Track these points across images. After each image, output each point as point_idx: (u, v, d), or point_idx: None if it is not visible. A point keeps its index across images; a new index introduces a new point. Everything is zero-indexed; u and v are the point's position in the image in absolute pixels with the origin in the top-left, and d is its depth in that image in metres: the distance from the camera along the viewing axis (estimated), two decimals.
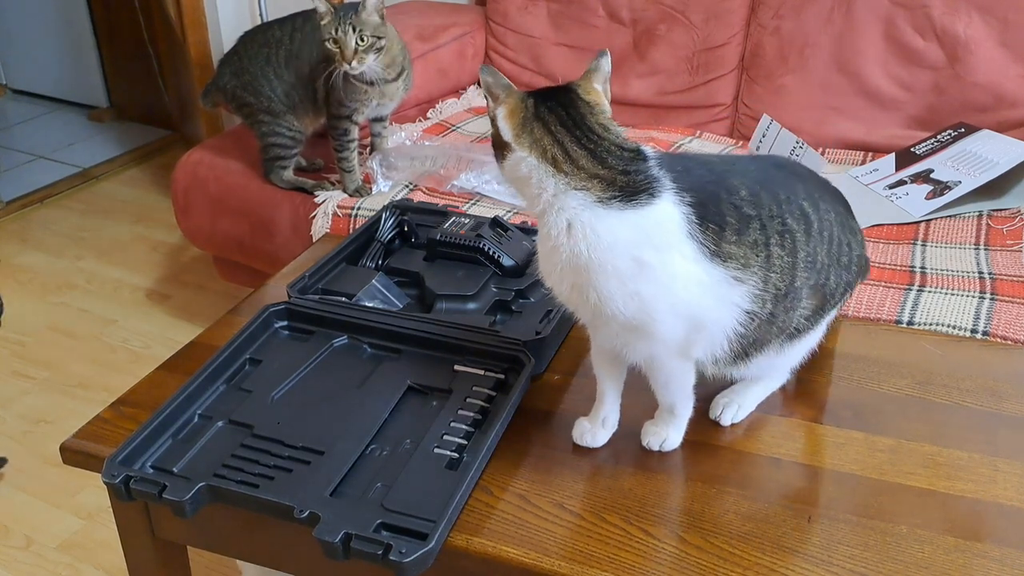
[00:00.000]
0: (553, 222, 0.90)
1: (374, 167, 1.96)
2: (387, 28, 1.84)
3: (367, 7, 1.79)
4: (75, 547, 1.74)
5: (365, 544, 0.88)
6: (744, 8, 2.28)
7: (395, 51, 1.89)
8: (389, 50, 1.86)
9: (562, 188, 0.89)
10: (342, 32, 1.77)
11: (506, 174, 0.95)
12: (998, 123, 1.98)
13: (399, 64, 1.91)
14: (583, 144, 0.90)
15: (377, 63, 1.83)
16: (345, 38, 1.77)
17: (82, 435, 1.09)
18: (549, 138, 0.90)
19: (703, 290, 0.92)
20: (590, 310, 0.93)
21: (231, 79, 2.03)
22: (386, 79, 1.89)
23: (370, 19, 1.79)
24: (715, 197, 0.93)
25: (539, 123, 0.91)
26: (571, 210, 0.89)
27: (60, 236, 2.95)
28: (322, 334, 1.24)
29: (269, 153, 2.02)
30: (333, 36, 1.78)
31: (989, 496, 0.99)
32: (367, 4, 1.79)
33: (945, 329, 1.36)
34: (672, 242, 0.90)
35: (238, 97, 2.02)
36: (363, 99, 1.91)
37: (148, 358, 2.29)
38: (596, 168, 0.89)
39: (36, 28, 3.83)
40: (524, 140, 0.91)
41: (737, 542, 0.93)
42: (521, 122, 0.91)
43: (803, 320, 1.03)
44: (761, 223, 0.94)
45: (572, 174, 0.89)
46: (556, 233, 0.90)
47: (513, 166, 0.92)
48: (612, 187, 0.89)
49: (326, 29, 1.79)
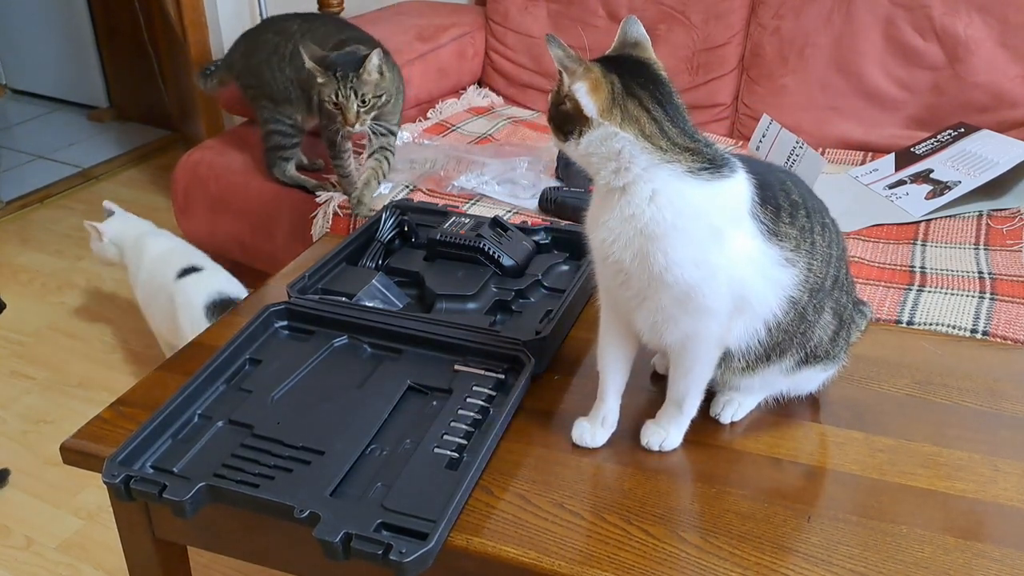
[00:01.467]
0: (637, 192, 0.91)
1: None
2: (385, 77, 1.76)
3: (368, 69, 1.71)
4: (75, 547, 1.74)
5: (365, 544, 0.88)
6: (744, 8, 2.28)
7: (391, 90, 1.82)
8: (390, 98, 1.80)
9: (655, 162, 0.91)
10: (343, 97, 1.71)
11: (580, 150, 0.92)
12: (998, 123, 1.98)
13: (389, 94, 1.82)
14: (674, 120, 0.92)
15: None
16: (347, 103, 1.71)
17: (82, 435, 1.09)
18: (646, 115, 0.91)
19: (756, 269, 0.96)
20: (648, 278, 0.93)
21: (240, 59, 2.03)
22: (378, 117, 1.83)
23: (371, 79, 1.72)
24: (769, 182, 0.98)
25: (633, 100, 0.91)
26: (660, 181, 0.91)
27: (60, 236, 2.95)
28: (322, 334, 1.24)
29: (269, 142, 2.02)
30: (334, 100, 1.72)
31: (989, 496, 0.99)
32: (368, 66, 1.70)
33: (945, 329, 1.36)
34: (740, 217, 0.94)
35: (242, 78, 2.03)
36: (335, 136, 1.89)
37: (148, 358, 2.29)
38: (687, 142, 0.92)
39: (36, 28, 3.83)
40: (616, 116, 0.90)
41: (737, 542, 0.93)
42: (610, 98, 0.90)
43: (820, 341, 1.05)
44: (807, 212, 1.00)
45: (667, 149, 0.91)
46: (638, 202, 0.91)
47: (597, 142, 0.91)
48: (701, 159, 0.92)
49: (325, 91, 1.72)
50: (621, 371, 1.06)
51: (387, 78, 1.76)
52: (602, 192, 0.94)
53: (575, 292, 1.28)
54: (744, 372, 1.04)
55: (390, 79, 1.79)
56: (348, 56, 1.73)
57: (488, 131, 2.21)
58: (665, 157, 0.91)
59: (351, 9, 2.67)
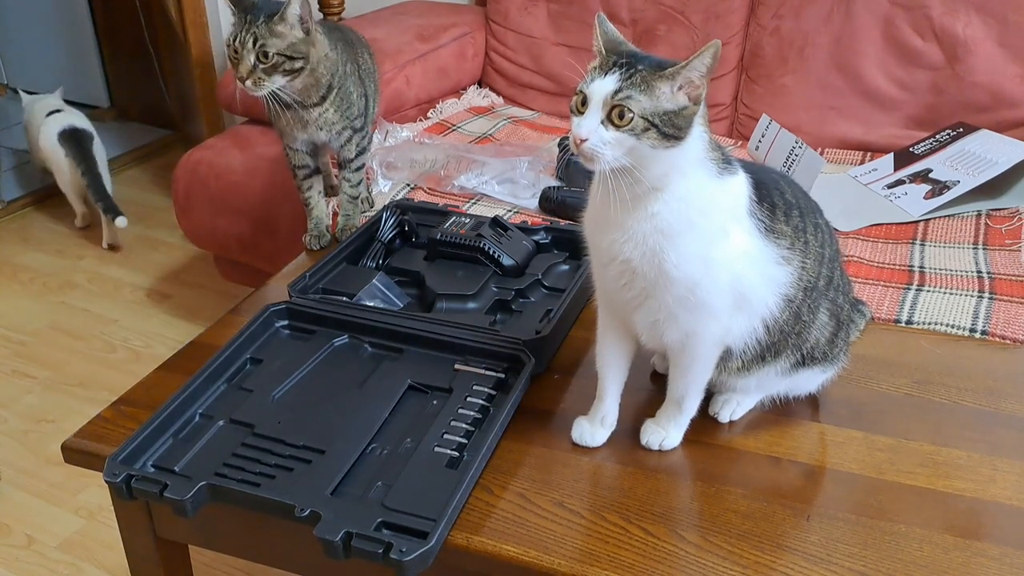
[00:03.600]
0: (674, 190, 0.91)
1: (374, 167, 1.96)
2: (314, 46, 1.40)
3: (286, 17, 1.34)
4: (76, 546, 1.74)
5: (366, 543, 0.88)
6: (744, 8, 2.28)
7: (320, 71, 1.44)
8: (313, 71, 1.42)
9: (702, 159, 0.92)
10: (239, 43, 1.33)
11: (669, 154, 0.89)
12: (997, 123, 1.98)
13: (324, 84, 1.46)
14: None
15: (290, 87, 1.41)
16: (243, 50, 1.33)
17: (83, 434, 1.09)
18: (707, 115, 0.92)
19: (754, 266, 0.97)
20: (656, 275, 0.93)
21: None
22: (303, 103, 1.46)
23: (285, 32, 1.35)
24: (764, 181, 0.99)
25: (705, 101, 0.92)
26: (697, 178, 0.92)
27: (61, 236, 2.95)
28: (323, 333, 1.24)
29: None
30: (232, 43, 1.35)
31: (988, 495, 0.99)
32: (287, 13, 1.34)
33: (944, 328, 1.36)
34: (740, 215, 0.95)
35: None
36: (280, 124, 1.51)
37: (149, 357, 2.29)
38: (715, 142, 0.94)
39: (37, 28, 3.83)
40: (704, 115, 0.91)
41: (736, 540, 0.93)
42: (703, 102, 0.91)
43: (817, 342, 1.06)
44: (800, 212, 1.01)
45: (713, 148, 0.93)
46: (668, 199, 0.91)
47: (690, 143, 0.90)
48: (721, 157, 0.94)
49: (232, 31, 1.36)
50: (620, 371, 1.07)
51: (316, 46, 1.41)
52: (624, 192, 0.90)
53: (575, 292, 1.28)
54: (740, 373, 1.05)
55: (324, 53, 1.44)
56: (273, 3, 1.37)
57: (488, 131, 2.21)
58: (710, 155, 0.92)
59: (351, 9, 2.68)
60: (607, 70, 0.88)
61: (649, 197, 0.91)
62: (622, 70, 0.88)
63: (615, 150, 0.87)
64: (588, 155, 0.88)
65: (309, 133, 1.51)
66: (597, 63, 0.91)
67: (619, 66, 0.88)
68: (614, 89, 0.87)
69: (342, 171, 1.62)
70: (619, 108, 0.86)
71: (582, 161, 0.90)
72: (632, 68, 0.88)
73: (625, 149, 0.87)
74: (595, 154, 0.87)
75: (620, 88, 0.87)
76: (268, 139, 2.10)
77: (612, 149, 0.87)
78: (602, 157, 0.87)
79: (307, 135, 1.52)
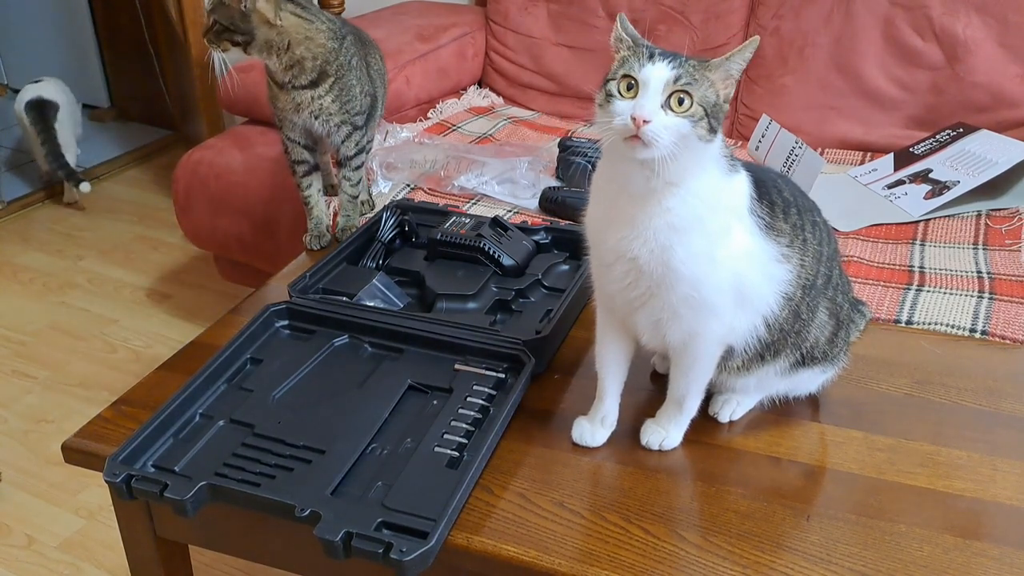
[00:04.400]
0: (689, 186, 0.91)
1: (374, 168, 1.96)
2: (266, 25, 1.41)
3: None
4: (76, 546, 1.74)
5: (366, 543, 0.88)
6: (744, 8, 2.28)
7: (301, 54, 1.45)
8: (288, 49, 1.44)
9: (717, 155, 0.93)
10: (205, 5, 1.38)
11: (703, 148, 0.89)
12: (997, 123, 1.98)
13: (311, 69, 1.47)
14: None
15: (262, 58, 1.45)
16: (206, 6, 1.39)
17: (83, 434, 1.09)
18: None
19: (754, 264, 0.97)
20: (663, 273, 0.93)
21: None
22: (293, 84, 1.48)
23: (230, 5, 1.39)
24: (763, 179, 1.00)
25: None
26: (710, 174, 0.93)
27: (61, 236, 2.95)
28: (323, 333, 1.24)
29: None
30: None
31: (988, 495, 0.99)
32: None
33: (944, 328, 1.36)
34: (742, 213, 0.96)
35: None
36: (275, 104, 1.54)
37: (149, 358, 2.29)
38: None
39: (37, 28, 3.83)
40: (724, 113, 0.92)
41: (736, 540, 0.93)
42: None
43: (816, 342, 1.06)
44: (798, 210, 1.01)
45: (726, 145, 0.95)
46: (684, 195, 0.91)
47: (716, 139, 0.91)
48: (731, 156, 0.95)
49: None
50: (620, 371, 1.07)
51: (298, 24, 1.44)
52: (639, 187, 0.90)
53: (575, 292, 1.28)
54: (740, 372, 1.05)
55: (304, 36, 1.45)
56: None
57: (488, 131, 2.22)
58: (723, 152, 0.93)
59: (351, 9, 2.68)
60: (650, 58, 0.87)
61: (664, 192, 0.91)
62: (668, 59, 0.87)
63: (672, 136, 0.86)
64: (648, 138, 0.85)
65: (303, 118, 1.52)
66: (630, 53, 0.89)
67: (662, 56, 0.87)
68: (675, 75, 0.86)
69: (341, 170, 1.62)
70: (680, 93, 0.86)
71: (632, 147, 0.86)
72: (679, 59, 0.87)
73: (679, 136, 0.86)
74: (655, 138, 0.85)
75: (680, 75, 0.86)
76: (268, 139, 2.10)
77: (670, 135, 0.86)
78: (659, 142, 0.86)
79: (301, 120, 1.53)
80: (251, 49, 1.44)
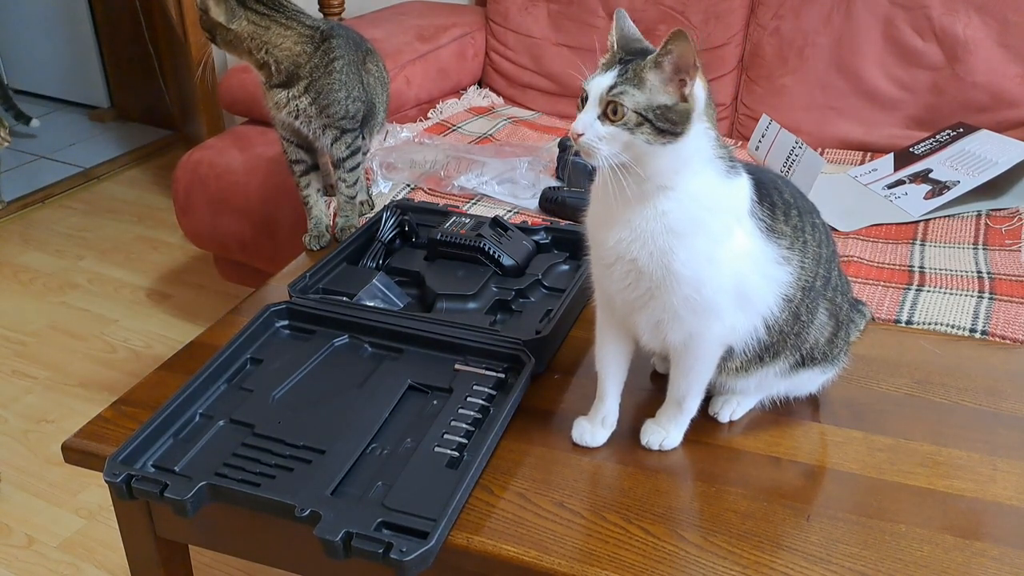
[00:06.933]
0: (684, 188, 0.91)
1: (374, 168, 1.96)
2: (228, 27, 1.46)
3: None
4: (76, 546, 1.74)
5: (366, 543, 0.88)
6: (744, 8, 2.28)
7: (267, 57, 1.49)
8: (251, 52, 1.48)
9: (711, 158, 0.92)
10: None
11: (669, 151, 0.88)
12: (997, 123, 1.98)
13: (281, 72, 1.50)
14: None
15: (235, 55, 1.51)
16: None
17: (83, 434, 1.09)
18: (713, 112, 0.93)
19: (755, 266, 0.97)
20: (663, 275, 0.93)
21: None
22: (268, 83, 1.52)
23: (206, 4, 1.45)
24: (763, 181, 1.00)
25: (711, 99, 0.92)
26: (706, 176, 0.92)
27: (61, 236, 2.95)
28: (323, 333, 1.24)
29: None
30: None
31: (988, 495, 0.99)
32: None
33: (944, 328, 1.36)
34: (743, 215, 0.96)
35: None
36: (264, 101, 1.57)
37: (149, 358, 2.29)
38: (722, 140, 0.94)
39: (37, 28, 3.83)
40: (708, 113, 0.91)
41: (736, 540, 0.93)
42: (707, 97, 0.91)
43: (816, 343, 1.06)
44: (798, 212, 1.01)
45: (720, 146, 0.94)
46: (680, 197, 0.91)
47: (691, 140, 0.89)
48: (728, 157, 0.95)
49: None
50: (619, 371, 1.07)
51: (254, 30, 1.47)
52: (629, 190, 0.90)
53: (575, 292, 1.28)
54: (739, 373, 1.05)
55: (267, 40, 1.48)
56: None
57: (488, 131, 2.22)
58: (718, 153, 0.93)
59: (351, 10, 2.68)
60: (610, 66, 0.90)
61: (658, 195, 0.91)
62: (622, 66, 0.89)
63: (611, 145, 0.88)
64: (585, 150, 0.89)
65: (283, 116, 1.54)
66: (606, 59, 0.92)
67: (621, 62, 0.89)
68: (610, 85, 0.88)
69: (336, 171, 1.62)
70: (613, 103, 0.87)
71: (582, 156, 0.90)
72: (632, 66, 0.88)
73: (621, 144, 0.88)
74: (592, 149, 0.88)
75: (615, 84, 0.88)
76: (268, 139, 2.10)
77: (608, 144, 0.88)
78: (598, 152, 0.88)
79: (281, 117, 1.55)
80: (220, 46, 1.50)
